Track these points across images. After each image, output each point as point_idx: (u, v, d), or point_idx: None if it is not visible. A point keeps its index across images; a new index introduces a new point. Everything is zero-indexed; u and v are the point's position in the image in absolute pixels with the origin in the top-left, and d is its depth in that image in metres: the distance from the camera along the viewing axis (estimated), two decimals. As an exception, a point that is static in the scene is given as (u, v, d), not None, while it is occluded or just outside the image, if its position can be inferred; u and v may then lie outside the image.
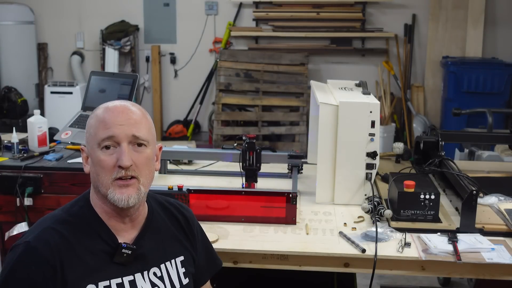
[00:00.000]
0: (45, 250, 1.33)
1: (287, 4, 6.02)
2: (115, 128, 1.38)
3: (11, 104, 5.82)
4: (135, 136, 1.40)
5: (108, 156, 1.38)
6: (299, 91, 5.71)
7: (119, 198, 1.38)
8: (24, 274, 1.32)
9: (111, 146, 1.38)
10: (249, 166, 2.37)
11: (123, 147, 1.38)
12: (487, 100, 5.06)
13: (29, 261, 1.33)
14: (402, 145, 2.80)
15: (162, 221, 1.55)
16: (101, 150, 1.38)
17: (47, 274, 1.32)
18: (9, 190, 2.55)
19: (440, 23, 5.86)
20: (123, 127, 1.38)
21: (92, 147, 1.40)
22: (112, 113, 1.40)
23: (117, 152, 1.38)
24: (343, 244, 1.95)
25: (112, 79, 3.04)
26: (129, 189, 1.39)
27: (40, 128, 2.78)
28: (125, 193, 1.38)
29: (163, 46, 6.31)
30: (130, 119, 1.40)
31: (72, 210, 1.44)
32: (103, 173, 1.38)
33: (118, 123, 1.38)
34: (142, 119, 1.43)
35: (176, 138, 6.12)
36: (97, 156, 1.39)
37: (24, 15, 6.02)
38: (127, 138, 1.39)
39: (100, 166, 1.38)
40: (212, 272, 1.69)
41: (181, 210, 1.62)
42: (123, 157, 1.37)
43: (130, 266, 1.42)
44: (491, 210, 2.17)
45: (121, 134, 1.38)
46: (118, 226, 1.44)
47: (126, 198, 1.38)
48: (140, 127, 1.41)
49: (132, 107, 1.43)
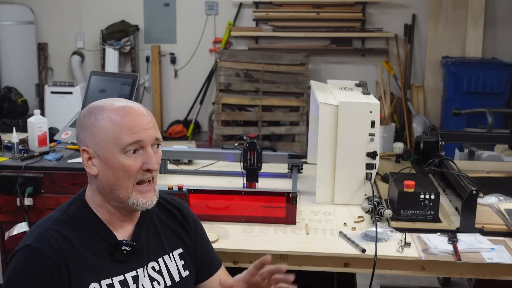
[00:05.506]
0: (48, 250, 1.33)
1: (287, 4, 6.02)
2: (141, 133, 1.38)
3: (11, 104, 5.82)
4: (157, 139, 1.43)
5: (133, 160, 1.38)
6: (299, 91, 5.72)
7: (144, 202, 1.41)
8: (31, 277, 1.31)
9: (137, 150, 1.39)
10: (250, 166, 2.38)
11: (149, 151, 1.40)
12: (487, 100, 5.06)
13: (34, 263, 1.32)
14: (402, 145, 2.80)
15: (156, 215, 1.55)
16: (125, 154, 1.38)
17: (54, 274, 1.32)
18: (9, 190, 2.55)
19: (440, 23, 5.86)
20: (148, 131, 1.40)
21: (110, 151, 1.38)
22: (134, 116, 1.39)
23: (142, 156, 1.39)
24: (343, 244, 1.95)
25: (112, 79, 3.04)
26: (150, 193, 1.43)
27: (40, 128, 2.78)
28: (149, 198, 1.42)
29: (163, 46, 6.31)
30: (150, 122, 1.42)
31: (69, 210, 1.43)
32: (127, 177, 1.38)
33: (143, 127, 1.39)
34: (153, 120, 1.45)
35: (176, 138, 6.12)
36: (121, 161, 1.37)
37: (24, 15, 6.02)
38: (152, 141, 1.41)
39: (124, 171, 1.38)
40: (216, 268, 1.66)
41: (174, 204, 1.62)
42: (153, 161, 1.39)
43: (130, 263, 1.42)
44: (491, 210, 2.17)
45: (148, 138, 1.40)
46: (117, 223, 1.44)
47: (150, 202, 1.42)
48: (157, 129, 1.44)
49: (142, 108, 1.44)
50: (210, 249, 1.68)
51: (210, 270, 1.65)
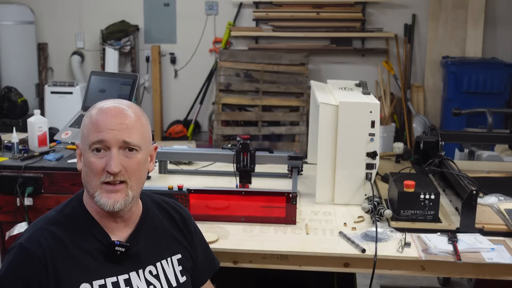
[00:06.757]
0: (36, 250, 1.34)
1: (287, 4, 6.02)
2: (106, 133, 1.36)
3: (11, 104, 5.82)
4: (126, 142, 1.38)
5: (97, 159, 1.37)
6: (299, 91, 5.72)
7: (105, 202, 1.37)
8: (18, 275, 1.33)
9: (102, 150, 1.37)
10: (243, 167, 2.37)
11: (113, 152, 1.36)
12: (487, 100, 5.06)
13: (22, 262, 1.34)
14: (402, 145, 2.80)
15: (158, 219, 1.54)
16: (91, 152, 1.37)
17: (40, 274, 1.33)
18: (9, 190, 2.55)
19: (440, 23, 5.86)
20: (114, 132, 1.36)
21: (84, 147, 1.40)
22: (106, 116, 1.38)
23: (107, 157, 1.36)
24: (343, 244, 1.95)
25: (112, 79, 3.04)
26: (117, 194, 1.38)
27: (40, 128, 2.78)
28: (112, 198, 1.37)
29: (163, 46, 6.31)
30: (122, 124, 1.38)
31: (65, 210, 1.44)
32: (92, 175, 1.38)
33: (109, 128, 1.36)
34: (135, 124, 1.40)
35: (176, 138, 6.12)
36: (88, 158, 1.38)
37: (24, 15, 6.02)
38: (118, 144, 1.37)
39: (90, 168, 1.38)
40: (211, 272, 1.69)
41: (177, 209, 1.62)
42: (112, 163, 1.35)
43: (125, 265, 1.42)
44: (491, 210, 2.17)
45: (112, 139, 1.36)
46: (110, 225, 1.44)
47: (112, 203, 1.37)
48: (132, 133, 1.38)
49: (127, 110, 1.41)
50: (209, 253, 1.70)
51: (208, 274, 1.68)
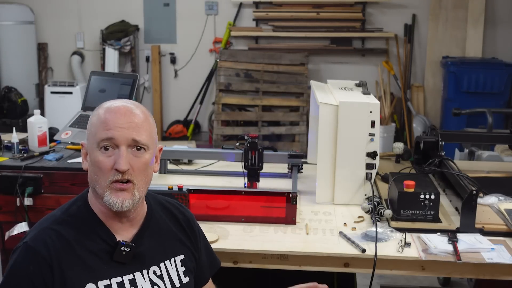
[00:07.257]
0: (42, 250, 1.34)
1: (287, 4, 6.02)
2: (115, 131, 1.37)
3: (11, 104, 5.82)
4: (135, 140, 1.38)
5: (106, 157, 1.37)
6: (299, 91, 5.71)
7: (114, 201, 1.37)
8: (23, 274, 1.33)
9: (110, 148, 1.37)
10: (251, 165, 2.38)
11: (122, 150, 1.37)
12: (487, 100, 5.06)
13: (27, 261, 1.34)
14: (402, 145, 2.80)
15: (162, 220, 1.55)
16: (99, 150, 1.38)
17: (45, 274, 1.33)
18: (9, 190, 2.55)
19: (440, 23, 5.86)
20: (124, 130, 1.37)
21: (91, 146, 1.40)
22: (115, 114, 1.39)
23: (116, 155, 1.37)
24: (343, 244, 1.95)
25: (112, 79, 3.04)
26: (124, 194, 1.38)
27: (40, 128, 2.78)
28: (120, 197, 1.38)
29: (163, 46, 6.31)
30: (131, 122, 1.39)
31: (70, 210, 1.44)
32: (101, 174, 1.37)
33: (119, 126, 1.37)
34: (144, 123, 1.41)
35: (176, 138, 6.12)
36: (96, 156, 1.38)
37: (24, 15, 6.02)
38: (127, 142, 1.37)
39: (98, 167, 1.38)
40: (212, 271, 1.70)
41: (181, 210, 1.62)
42: (121, 161, 1.35)
43: (129, 265, 1.42)
44: (491, 210, 2.17)
45: (121, 137, 1.37)
46: (116, 225, 1.44)
47: (121, 202, 1.38)
48: (141, 131, 1.39)
49: (135, 109, 1.42)
50: (211, 252, 1.70)
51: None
